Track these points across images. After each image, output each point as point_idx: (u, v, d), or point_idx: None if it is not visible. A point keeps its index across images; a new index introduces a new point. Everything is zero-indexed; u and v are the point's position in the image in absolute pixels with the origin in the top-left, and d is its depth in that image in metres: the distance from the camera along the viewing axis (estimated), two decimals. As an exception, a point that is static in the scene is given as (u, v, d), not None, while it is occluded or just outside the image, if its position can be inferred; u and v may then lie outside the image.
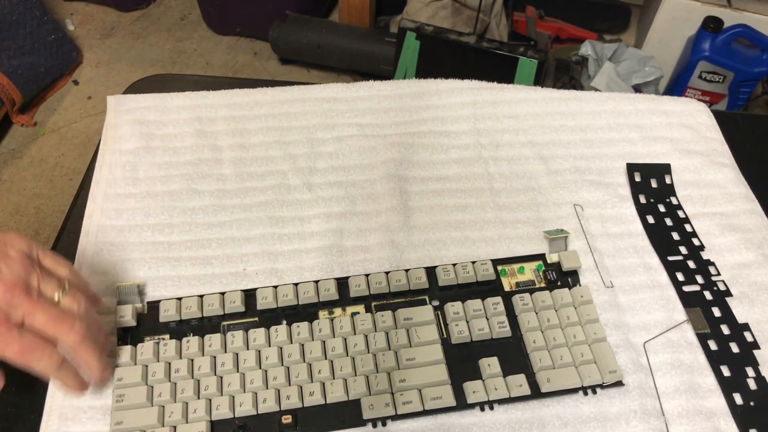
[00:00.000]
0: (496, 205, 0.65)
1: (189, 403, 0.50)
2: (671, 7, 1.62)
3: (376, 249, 0.61)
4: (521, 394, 0.52)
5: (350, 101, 0.73)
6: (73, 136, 1.68)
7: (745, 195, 0.69)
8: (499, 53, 1.43)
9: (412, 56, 1.51)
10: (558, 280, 0.59)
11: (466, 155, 0.70)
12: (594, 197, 0.67)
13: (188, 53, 1.91)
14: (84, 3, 2.01)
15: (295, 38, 1.74)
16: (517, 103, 0.74)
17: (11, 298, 0.44)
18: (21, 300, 0.45)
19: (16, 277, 0.45)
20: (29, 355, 0.45)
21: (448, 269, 0.58)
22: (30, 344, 0.45)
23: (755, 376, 0.55)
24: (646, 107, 0.76)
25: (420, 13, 1.68)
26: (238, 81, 0.78)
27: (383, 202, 0.65)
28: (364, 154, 0.69)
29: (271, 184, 0.66)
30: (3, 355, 0.44)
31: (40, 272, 0.47)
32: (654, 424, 0.52)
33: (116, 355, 0.52)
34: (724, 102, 1.62)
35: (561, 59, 1.67)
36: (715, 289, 0.61)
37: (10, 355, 0.44)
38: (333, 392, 0.51)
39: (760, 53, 1.53)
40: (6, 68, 1.58)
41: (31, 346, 0.45)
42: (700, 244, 0.64)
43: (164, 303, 0.55)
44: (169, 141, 0.68)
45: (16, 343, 0.44)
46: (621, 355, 0.55)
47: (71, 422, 0.50)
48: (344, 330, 0.54)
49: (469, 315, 0.56)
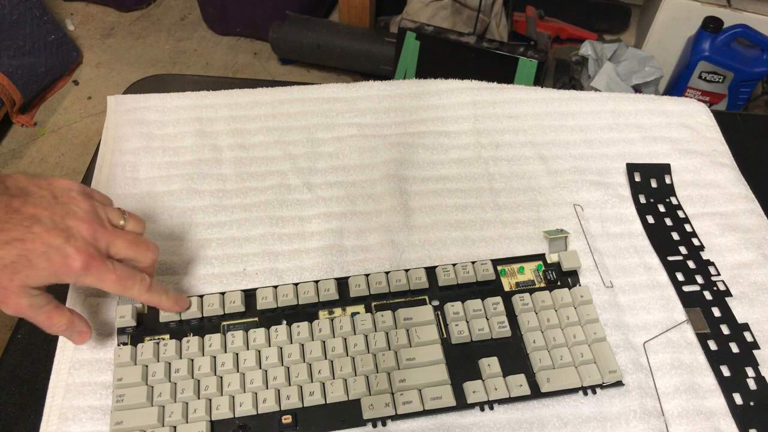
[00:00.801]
0: (496, 205, 0.65)
1: (189, 403, 0.50)
2: (671, 7, 1.62)
3: (376, 249, 0.61)
4: (521, 394, 0.52)
5: (350, 101, 0.73)
6: (73, 136, 1.68)
7: (745, 195, 0.69)
8: (499, 53, 1.43)
9: (412, 56, 1.51)
10: (558, 280, 0.59)
11: (466, 155, 0.70)
12: (594, 197, 0.67)
13: (188, 53, 1.91)
14: (84, 3, 2.01)
15: (295, 38, 1.74)
16: (517, 103, 0.74)
17: (94, 232, 0.47)
18: (102, 232, 0.47)
19: (89, 214, 0.48)
20: (125, 282, 0.48)
21: (448, 269, 0.58)
22: (123, 273, 0.48)
23: (755, 376, 0.55)
24: (646, 107, 0.76)
25: (420, 13, 1.68)
26: (238, 81, 0.78)
27: (383, 202, 0.65)
28: (364, 154, 0.69)
29: (271, 184, 0.66)
30: (102, 286, 0.47)
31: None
32: (654, 424, 0.52)
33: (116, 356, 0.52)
34: (724, 102, 1.62)
35: (561, 59, 1.68)
36: (714, 289, 0.61)
37: (108, 285, 0.47)
38: (333, 392, 0.51)
39: (760, 53, 1.53)
40: (6, 68, 1.58)
41: (125, 275, 0.48)
42: (699, 244, 0.64)
43: (164, 303, 0.55)
44: (169, 141, 0.68)
45: (112, 273, 0.47)
46: (621, 355, 0.55)
47: (71, 422, 0.50)
48: (344, 330, 0.54)
49: (469, 315, 0.56)
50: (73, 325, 0.49)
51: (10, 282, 0.44)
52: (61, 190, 0.48)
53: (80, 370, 0.52)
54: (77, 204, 0.48)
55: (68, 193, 0.48)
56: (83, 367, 0.52)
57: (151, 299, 0.51)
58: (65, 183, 0.49)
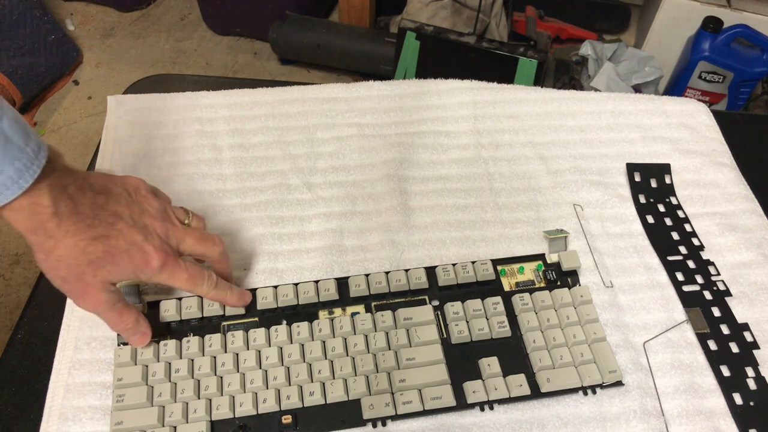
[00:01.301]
0: (496, 205, 0.65)
1: (189, 403, 0.50)
2: (671, 7, 1.62)
3: (376, 249, 0.61)
4: (521, 394, 0.52)
5: (350, 101, 0.73)
6: (73, 136, 1.68)
7: (744, 195, 0.69)
8: (499, 53, 1.43)
9: (412, 56, 1.51)
10: (558, 280, 0.59)
11: (466, 155, 0.70)
12: (594, 197, 0.67)
13: (188, 53, 1.91)
14: (84, 3, 2.01)
15: (295, 38, 1.74)
16: (517, 103, 0.75)
17: (166, 230, 0.49)
18: (173, 230, 0.49)
19: (161, 212, 0.49)
20: (195, 280, 0.50)
21: (448, 269, 0.58)
22: (194, 271, 0.50)
23: (755, 376, 0.55)
24: (646, 107, 0.76)
25: (420, 13, 1.68)
26: (238, 81, 0.78)
27: (383, 202, 0.65)
28: (364, 154, 0.69)
29: (271, 184, 0.66)
30: (174, 283, 0.49)
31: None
32: (654, 424, 0.52)
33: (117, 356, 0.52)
34: (723, 102, 1.62)
35: (561, 59, 1.67)
36: (714, 289, 0.61)
37: (180, 283, 0.49)
38: (333, 392, 0.51)
39: (759, 53, 1.53)
40: (6, 68, 1.58)
41: (195, 273, 0.50)
42: (699, 244, 0.64)
43: (164, 303, 0.55)
44: (169, 141, 0.68)
45: (184, 272, 0.49)
46: (621, 355, 0.55)
47: (71, 422, 0.50)
48: (344, 330, 0.54)
49: (468, 315, 0.56)
50: (138, 325, 0.50)
51: (93, 278, 0.45)
52: (133, 188, 0.49)
53: (80, 370, 0.52)
54: (149, 202, 0.49)
55: (139, 192, 0.49)
56: (83, 367, 0.52)
57: (218, 296, 0.52)
58: (134, 181, 0.50)
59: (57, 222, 0.43)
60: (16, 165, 0.40)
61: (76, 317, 0.55)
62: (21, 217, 0.43)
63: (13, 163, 0.40)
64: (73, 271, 0.45)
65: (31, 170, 0.41)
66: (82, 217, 0.45)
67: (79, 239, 0.44)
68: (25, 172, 0.41)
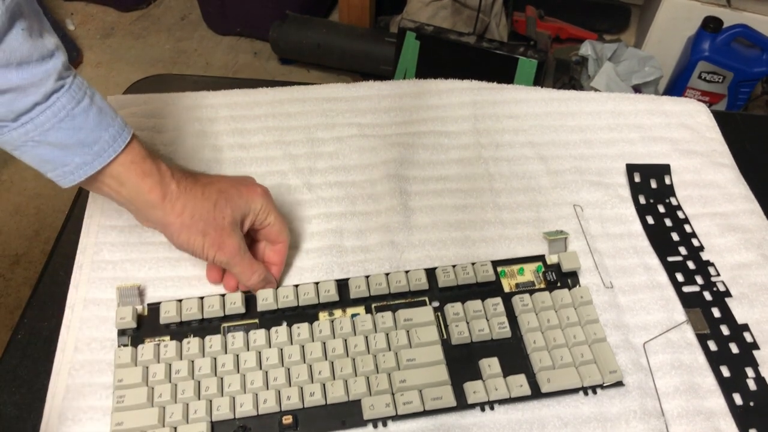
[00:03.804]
0: (496, 205, 0.65)
1: (189, 403, 0.50)
2: (671, 7, 1.62)
3: (376, 249, 0.61)
4: (521, 395, 0.52)
5: (350, 101, 0.73)
6: (73, 136, 1.68)
7: (744, 195, 0.69)
8: (499, 53, 1.43)
9: (412, 56, 1.51)
10: (558, 281, 0.59)
11: (466, 155, 0.70)
12: (594, 198, 0.67)
13: (188, 53, 1.90)
14: (84, 3, 2.01)
15: (295, 38, 1.73)
16: (517, 103, 0.74)
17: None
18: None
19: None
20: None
21: (448, 270, 0.58)
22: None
23: (755, 377, 0.55)
24: (646, 107, 0.76)
25: (420, 13, 1.68)
26: (238, 81, 0.78)
27: (383, 202, 0.65)
28: (364, 154, 0.69)
29: (271, 184, 0.65)
30: (266, 220, 0.55)
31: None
32: (654, 424, 0.52)
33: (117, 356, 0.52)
34: (723, 102, 1.61)
35: (561, 59, 1.67)
36: (714, 290, 0.61)
37: (271, 219, 0.56)
38: (333, 393, 0.51)
39: (759, 53, 1.53)
40: (6, 68, 1.58)
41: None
42: (699, 244, 0.64)
43: (164, 304, 0.55)
44: (169, 141, 0.68)
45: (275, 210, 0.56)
46: (621, 355, 0.55)
47: (71, 422, 0.50)
48: (344, 331, 0.54)
49: (469, 316, 0.56)
50: (267, 274, 0.56)
51: (223, 219, 0.51)
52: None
53: (80, 371, 0.52)
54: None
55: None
56: (83, 367, 0.52)
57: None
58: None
59: (176, 182, 0.50)
60: (110, 131, 0.47)
61: (76, 318, 0.55)
62: (152, 183, 0.49)
63: (108, 129, 0.47)
64: (210, 221, 0.51)
65: (122, 136, 0.48)
66: (186, 174, 0.52)
67: (196, 191, 0.51)
68: (118, 138, 0.47)
